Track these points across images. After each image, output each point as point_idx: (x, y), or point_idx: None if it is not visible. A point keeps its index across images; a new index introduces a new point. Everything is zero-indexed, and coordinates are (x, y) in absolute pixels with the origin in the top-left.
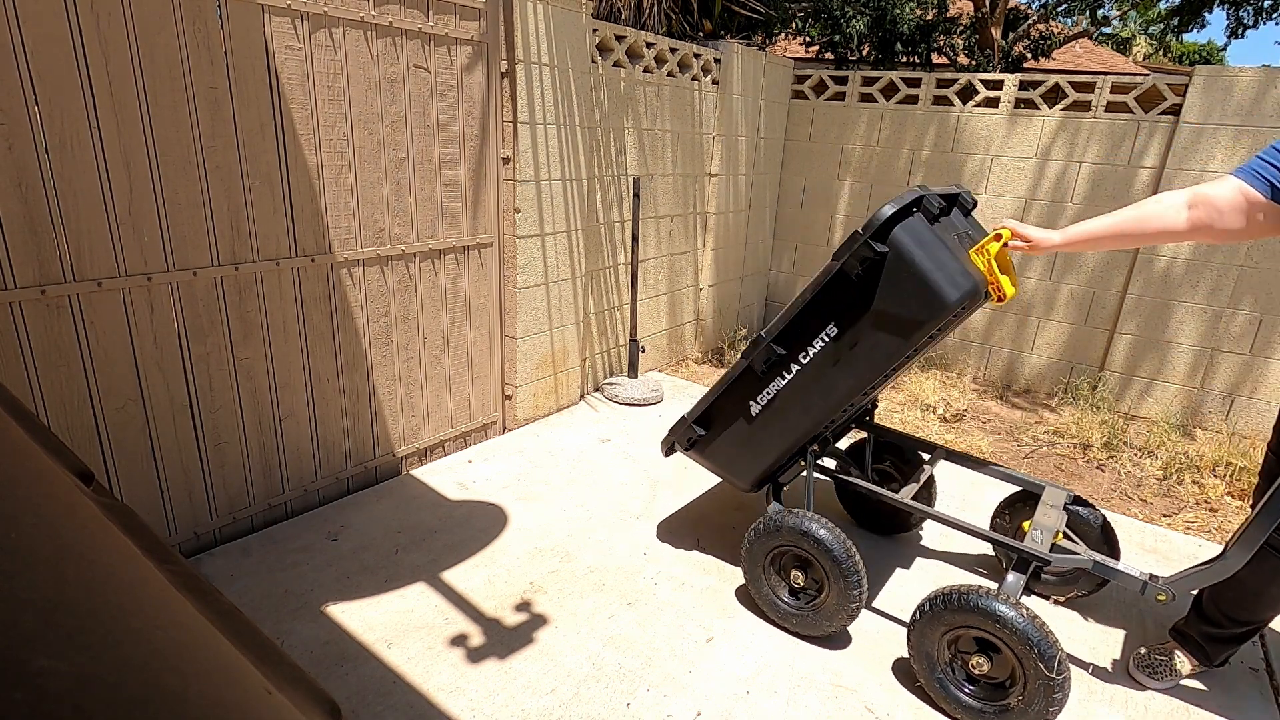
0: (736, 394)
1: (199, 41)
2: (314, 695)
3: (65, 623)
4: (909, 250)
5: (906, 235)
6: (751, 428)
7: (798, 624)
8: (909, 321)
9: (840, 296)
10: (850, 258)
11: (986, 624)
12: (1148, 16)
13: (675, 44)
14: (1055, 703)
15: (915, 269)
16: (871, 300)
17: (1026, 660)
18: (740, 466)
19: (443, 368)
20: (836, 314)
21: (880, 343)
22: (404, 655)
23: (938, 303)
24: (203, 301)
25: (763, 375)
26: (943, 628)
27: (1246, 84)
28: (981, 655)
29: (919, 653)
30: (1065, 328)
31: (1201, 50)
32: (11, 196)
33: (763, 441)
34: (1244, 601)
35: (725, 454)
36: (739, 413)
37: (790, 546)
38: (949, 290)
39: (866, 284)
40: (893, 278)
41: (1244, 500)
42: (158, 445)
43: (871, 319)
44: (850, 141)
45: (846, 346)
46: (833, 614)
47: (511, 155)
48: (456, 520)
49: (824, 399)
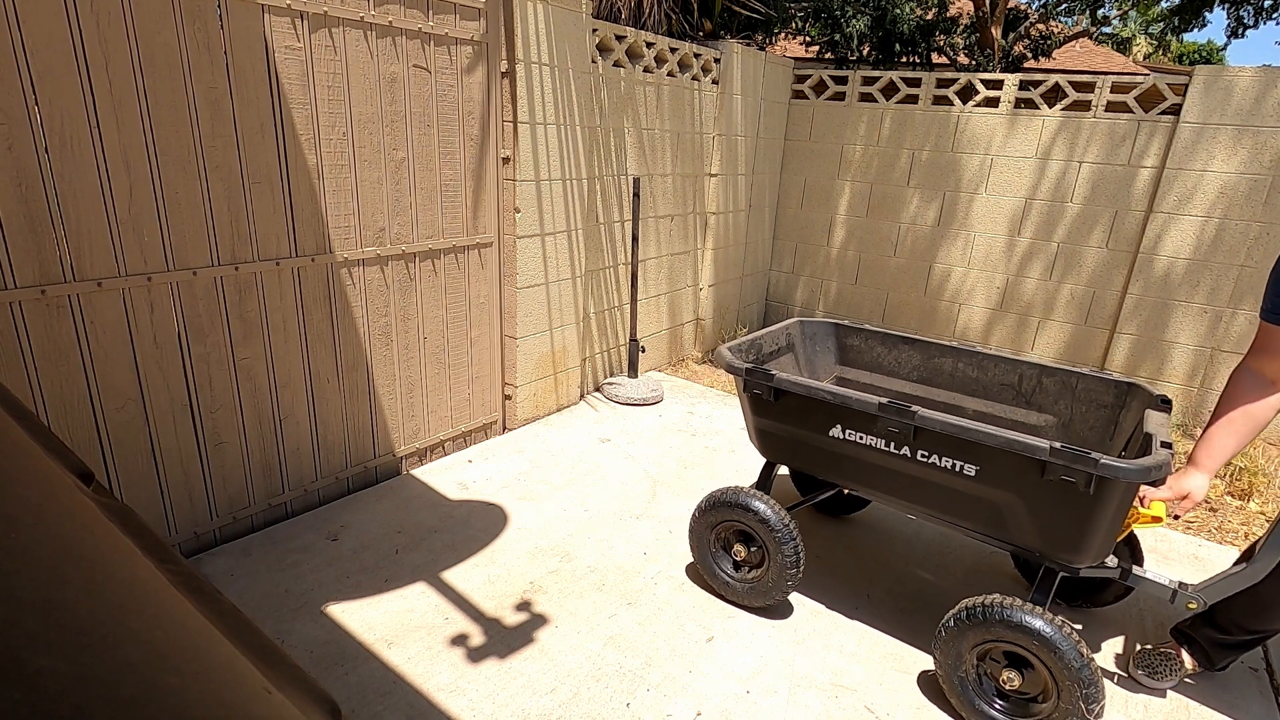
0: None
1: (199, 41)
2: (314, 695)
3: (65, 623)
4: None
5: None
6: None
7: (738, 595)
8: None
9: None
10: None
11: (1018, 637)
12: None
13: (675, 44)
14: (1094, 713)
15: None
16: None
17: (1062, 674)
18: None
19: (443, 367)
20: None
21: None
22: (404, 655)
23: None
24: (203, 301)
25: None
26: (971, 641)
27: (1247, 84)
28: (1012, 669)
29: (947, 667)
30: (1066, 328)
31: (1202, 50)
32: (11, 196)
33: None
34: (1257, 612)
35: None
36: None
37: (735, 521)
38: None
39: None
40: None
41: (1244, 500)
42: (158, 445)
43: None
44: (850, 141)
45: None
46: (772, 587)
47: (511, 155)
48: (456, 520)
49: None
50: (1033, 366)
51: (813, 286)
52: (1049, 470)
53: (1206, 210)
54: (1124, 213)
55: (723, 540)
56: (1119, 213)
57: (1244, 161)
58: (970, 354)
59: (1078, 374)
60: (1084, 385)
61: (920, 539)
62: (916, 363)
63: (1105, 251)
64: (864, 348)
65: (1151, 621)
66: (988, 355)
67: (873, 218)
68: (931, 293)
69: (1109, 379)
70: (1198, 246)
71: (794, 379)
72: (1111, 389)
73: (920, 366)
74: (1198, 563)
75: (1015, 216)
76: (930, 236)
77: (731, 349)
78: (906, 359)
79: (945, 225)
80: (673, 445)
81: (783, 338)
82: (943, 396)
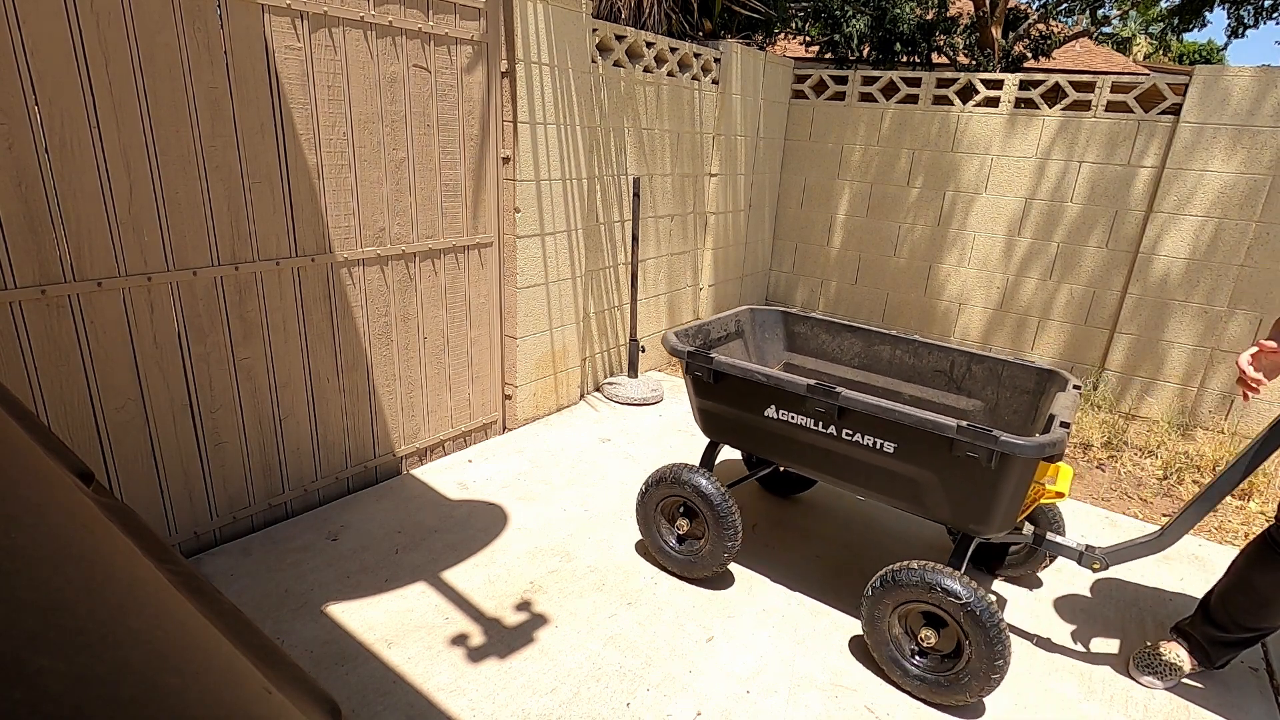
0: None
1: (199, 41)
2: (314, 695)
3: (65, 623)
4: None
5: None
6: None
7: (680, 567)
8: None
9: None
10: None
11: (935, 597)
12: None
13: (675, 44)
14: (997, 670)
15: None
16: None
17: (973, 632)
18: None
19: (443, 367)
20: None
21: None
22: (404, 655)
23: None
24: (203, 301)
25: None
26: (893, 602)
27: (1247, 84)
28: (930, 628)
29: (871, 627)
30: (1065, 328)
31: (1202, 50)
32: (11, 196)
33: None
34: (1255, 608)
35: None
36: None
37: (678, 496)
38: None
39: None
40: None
41: (1244, 500)
42: (158, 445)
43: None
44: (850, 141)
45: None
46: (711, 559)
47: (511, 155)
48: (456, 520)
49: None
50: (963, 354)
51: (812, 286)
52: (956, 447)
53: (1206, 210)
54: (1124, 213)
55: (667, 514)
56: (1119, 213)
57: (1244, 162)
58: (907, 342)
59: (1003, 361)
60: (1009, 372)
61: (921, 538)
62: (858, 350)
63: (1105, 252)
64: (810, 335)
65: (1151, 621)
66: (923, 343)
67: (873, 218)
68: (931, 293)
69: (1031, 366)
70: (1197, 247)
71: (731, 361)
72: (1034, 375)
73: (862, 353)
74: (1198, 562)
75: (1015, 217)
76: (930, 237)
77: (678, 333)
78: (849, 346)
79: (945, 225)
80: (673, 445)
81: (732, 324)
82: (881, 382)
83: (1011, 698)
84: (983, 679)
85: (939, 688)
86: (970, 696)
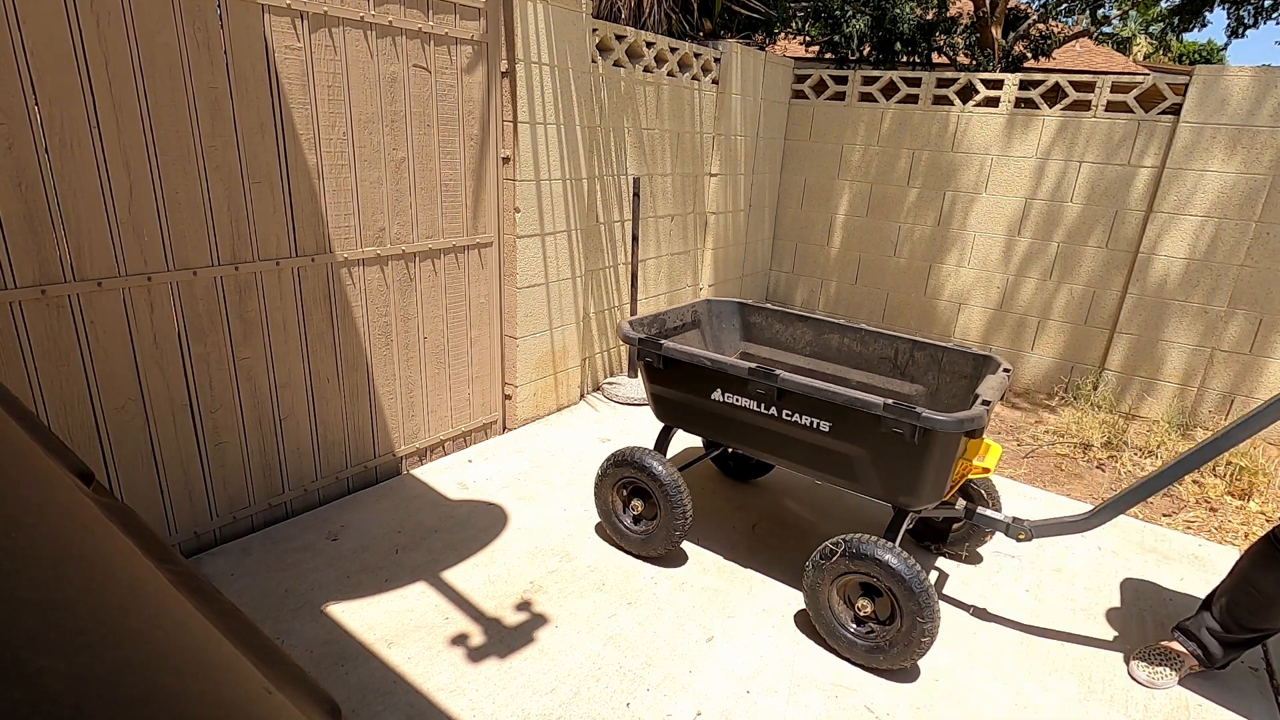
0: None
1: (199, 41)
2: (314, 695)
3: (65, 623)
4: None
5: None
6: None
7: (635, 546)
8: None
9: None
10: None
11: (871, 568)
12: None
13: (675, 44)
14: (926, 633)
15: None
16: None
17: (903, 599)
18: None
19: (443, 367)
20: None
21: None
22: (404, 655)
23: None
24: (203, 301)
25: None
26: (832, 573)
27: (1247, 84)
28: (866, 598)
29: (813, 598)
30: (1065, 328)
31: (1202, 50)
32: (11, 196)
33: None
34: (1257, 609)
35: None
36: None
37: (633, 478)
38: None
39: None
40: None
41: (1244, 500)
42: (158, 445)
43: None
44: (850, 141)
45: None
46: (663, 537)
47: (511, 155)
48: (456, 520)
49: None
50: (906, 341)
51: (812, 286)
52: (884, 424)
53: (1206, 211)
54: (1123, 213)
55: (623, 496)
56: (1118, 213)
57: (1244, 162)
58: (854, 330)
59: (943, 348)
60: (948, 358)
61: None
62: (810, 338)
63: (1104, 252)
64: (765, 325)
65: (1152, 621)
66: (869, 331)
67: (873, 218)
68: (931, 293)
69: (968, 352)
70: (1196, 247)
71: (679, 347)
72: (970, 361)
73: (813, 342)
74: (1198, 562)
75: (1015, 217)
76: (930, 237)
77: (633, 322)
78: (801, 335)
79: (945, 225)
80: (673, 444)
81: (688, 314)
82: (831, 369)
83: (1012, 697)
84: (913, 643)
85: (874, 653)
86: (904, 660)
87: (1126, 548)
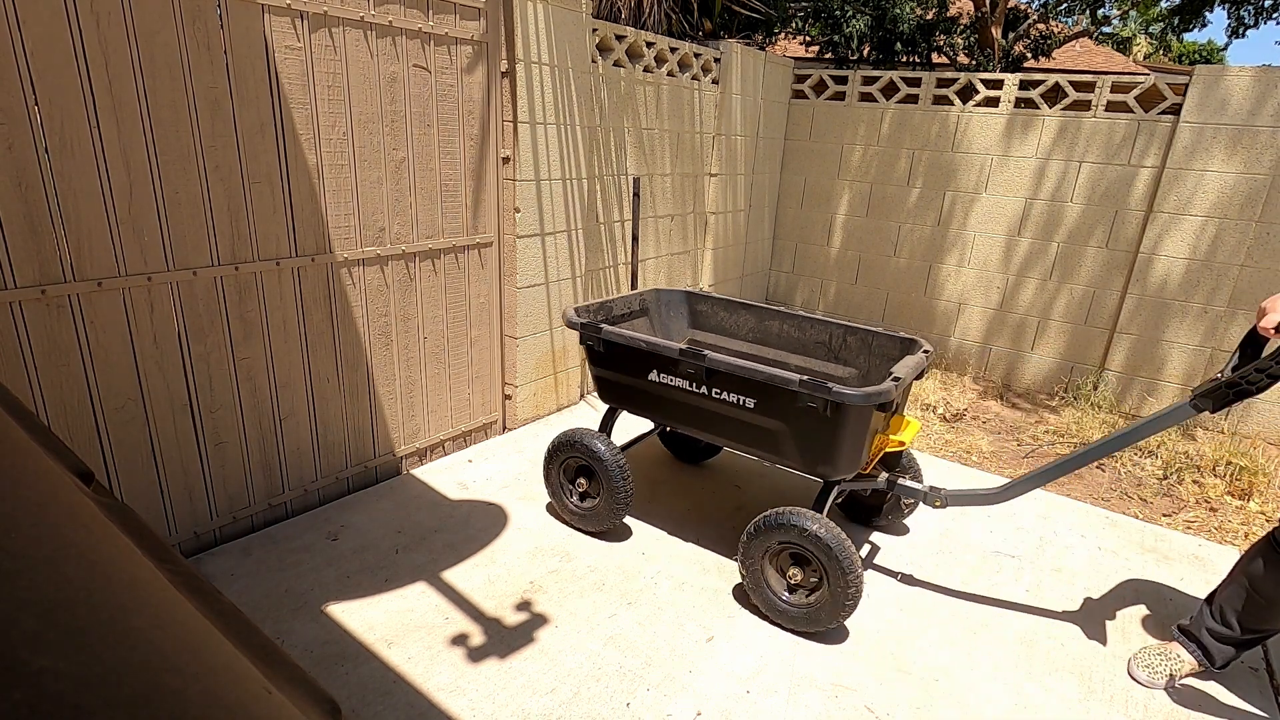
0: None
1: (199, 41)
2: (314, 695)
3: (65, 623)
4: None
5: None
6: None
7: (581, 522)
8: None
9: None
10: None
11: (800, 538)
12: (1148, 16)
13: (675, 43)
14: (851, 596)
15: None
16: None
17: (829, 565)
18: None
19: (443, 367)
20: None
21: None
22: (404, 655)
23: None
24: (203, 301)
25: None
26: (765, 545)
27: (1247, 84)
28: (796, 567)
29: (747, 570)
30: (1066, 328)
31: (1202, 50)
32: (11, 196)
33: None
34: (1257, 611)
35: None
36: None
37: (578, 457)
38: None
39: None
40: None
41: (1244, 500)
42: (158, 445)
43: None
44: (850, 141)
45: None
46: (605, 513)
47: (511, 155)
48: (456, 520)
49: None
50: (839, 326)
51: (812, 286)
52: (799, 398)
53: (1206, 211)
54: (1124, 213)
55: (569, 475)
56: (1119, 213)
57: (1244, 162)
58: (791, 316)
59: (873, 332)
60: (878, 342)
61: (919, 533)
62: (752, 325)
63: (1105, 252)
64: (711, 313)
65: (1152, 621)
66: (805, 317)
67: (873, 218)
68: (931, 293)
69: (895, 336)
70: (1197, 248)
71: (616, 330)
72: (898, 344)
73: (755, 328)
74: (1198, 562)
75: (1015, 217)
76: (930, 237)
77: (578, 309)
78: (744, 322)
79: (945, 225)
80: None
81: (635, 303)
82: (771, 354)
83: (1012, 697)
84: (840, 604)
85: (805, 619)
86: (833, 620)
87: (1126, 548)
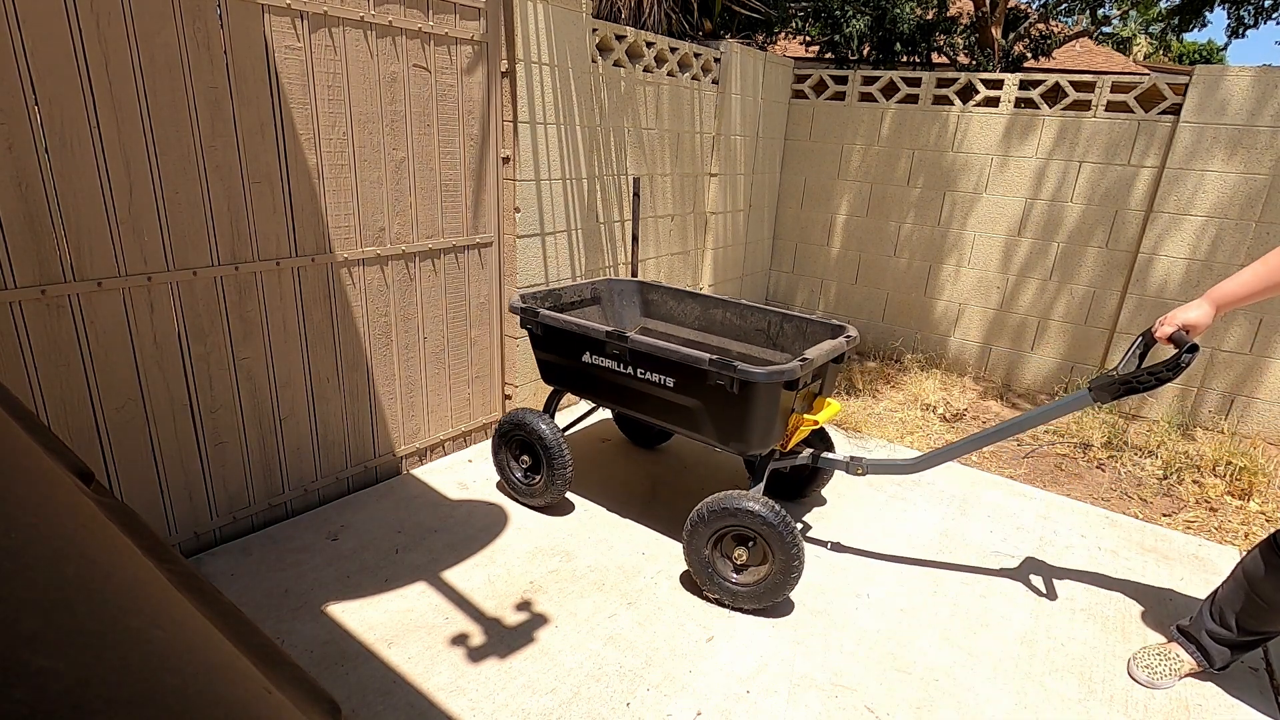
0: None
1: (199, 41)
2: (314, 695)
3: (65, 623)
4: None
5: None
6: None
7: (527, 496)
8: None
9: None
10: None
11: (742, 519)
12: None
13: (675, 44)
14: (795, 569)
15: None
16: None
17: (772, 541)
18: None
19: (443, 367)
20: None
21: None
22: (404, 655)
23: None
24: (203, 301)
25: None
26: (709, 531)
27: (1248, 84)
28: (741, 547)
29: (693, 556)
30: (1066, 329)
31: (1202, 50)
32: (11, 196)
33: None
34: (1258, 613)
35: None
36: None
37: (522, 437)
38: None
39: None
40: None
41: (1244, 500)
42: (158, 445)
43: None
44: (850, 141)
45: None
46: (547, 489)
47: (511, 155)
48: (457, 520)
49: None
50: (776, 314)
51: (812, 286)
52: (709, 377)
53: (1207, 212)
54: (1124, 214)
55: (515, 454)
56: (1119, 213)
57: (1244, 163)
58: (733, 305)
59: (807, 320)
60: (811, 329)
61: (918, 535)
62: (698, 313)
63: (1105, 253)
64: (660, 302)
65: (1152, 621)
66: (746, 305)
67: (873, 218)
68: (932, 293)
69: (827, 323)
70: (1197, 249)
71: (552, 315)
72: (828, 330)
73: (701, 316)
74: (1198, 562)
75: (1015, 217)
76: (930, 237)
77: (523, 295)
78: (690, 310)
79: (945, 225)
80: (673, 442)
81: (587, 291)
82: (716, 341)
83: (1012, 698)
84: (784, 578)
85: (753, 597)
86: (780, 594)
87: (1126, 548)
